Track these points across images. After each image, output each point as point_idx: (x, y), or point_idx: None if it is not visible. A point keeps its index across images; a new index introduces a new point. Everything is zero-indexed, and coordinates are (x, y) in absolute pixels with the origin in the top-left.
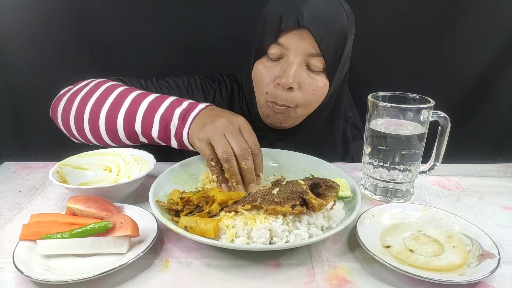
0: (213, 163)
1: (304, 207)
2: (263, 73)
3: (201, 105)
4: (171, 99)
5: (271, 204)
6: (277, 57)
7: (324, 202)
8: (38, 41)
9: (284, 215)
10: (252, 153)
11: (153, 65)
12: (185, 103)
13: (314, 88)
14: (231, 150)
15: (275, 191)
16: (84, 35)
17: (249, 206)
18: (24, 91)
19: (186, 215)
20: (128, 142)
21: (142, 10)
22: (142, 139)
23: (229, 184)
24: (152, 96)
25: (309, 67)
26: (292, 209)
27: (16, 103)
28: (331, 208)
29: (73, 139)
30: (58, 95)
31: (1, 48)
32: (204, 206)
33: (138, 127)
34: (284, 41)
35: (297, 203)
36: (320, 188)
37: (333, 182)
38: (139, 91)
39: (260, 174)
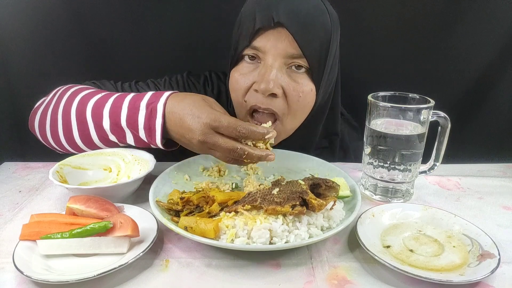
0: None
1: (304, 207)
2: (239, 81)
3: (160, 108)
4: (126, 102)
5: (271, 204)
6: (255, 62)
7: (324, 202)
8: (38, 41)
9: (284, 215)
10: (241, 138)
11: (152, 64)
12: (143, 106)
13: (299, 94)
14: (230, 158)
15: (275, 191)
16: (84, 36)
17: (249, 206)
18: (24, 91)
19: (186, 215)
20: (109, 148)
21: (141, 10)
22: (122, 145)
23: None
24: (110, 102)
25: (291, 70)
26: (292, 209)
27: (16, 103)
28: (331, 208)
29: (55, 150)
30: (34, 108)
31: (1, 48)
32: (204, 206)
33: (112, 138)
34: (260, 44)
35: (297, 203)
36: (320, 188)
37: (333, 182)
38: (98, 96)
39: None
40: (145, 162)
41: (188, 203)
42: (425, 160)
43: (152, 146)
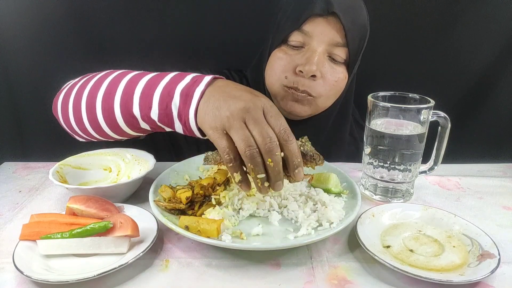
0: (231, 156)
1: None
2: (283, 59)
3: (207, 78)
4: (172, 74)
5: None
6: (299, 45)
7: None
8: (39, 41)
9: None
10: (282, 141)
11: (154, 65)
12: (188, 77)
13: (335, 79)
14: (255, 145)
15: None
16: (85, 35)
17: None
18: (24, 91)
19: (200, 205)
20: (129, 131)
21: (143, 9)
22: (143, 124)
23: (253, 184)
24: (151, 74)
25: (330, 58)
26: None
27: (16, 103)
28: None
29: (76, 137)
30: (59, 91)
31: (1, 48)
32: (212, 193)
33: (136, 109)
34: (309, 28)
35: None
36: (304, 158)
37: (318, 155)
38: (137, 72)
39: (299, 169)
40: (145, 162)
41: (197, 197)
42: (425, 160)
43: (168, 126)
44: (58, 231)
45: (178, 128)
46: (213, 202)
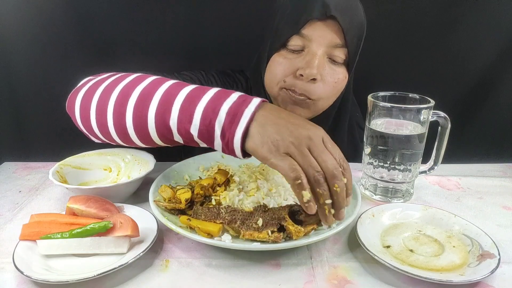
0: (299, 174)
1: (281, 234)
2: (283, 63)
3: (256, 100)
4: (215, 89)
5: (249, 229)
6: (299, 49)
7: (303, 229)
8: (40, 42)
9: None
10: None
11: (156, 65)
12: (235, 95)
13: (335, 80)
14: (322, 171)
15: (256, 216)
16: (86, 36)
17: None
18: (25, 91)
19: (201, 204)
20: (159, 142)
21: (144, 10)
22: (177, 137)
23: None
24: (191, 86)
25: (330, 59)
26: (270, 234)
27: (17, 103)
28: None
29: (93, 138)
30: (77, 87)
31: (2, 48)
32: (212, 194)
33: (173, 122)
34: (308, 32)
35: (275, 229)
36: (301, 215)
37: None
38: (173, 81)
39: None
40: (145, 162)
41: (197, 197)
42: (425, 160)
43: (206, 142)
44: (58, 231)
45: (217, 146)
46: (213, 202)
